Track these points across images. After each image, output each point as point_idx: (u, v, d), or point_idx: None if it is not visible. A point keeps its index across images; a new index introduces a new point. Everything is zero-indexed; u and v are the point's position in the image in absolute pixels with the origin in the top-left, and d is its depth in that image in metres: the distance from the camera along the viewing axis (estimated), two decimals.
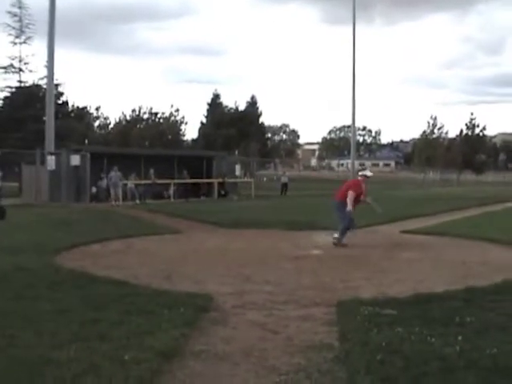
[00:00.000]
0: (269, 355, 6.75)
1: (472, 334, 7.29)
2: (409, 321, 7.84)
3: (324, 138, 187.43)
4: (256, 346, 7.08)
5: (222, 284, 10.97)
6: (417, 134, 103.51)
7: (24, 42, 70.83)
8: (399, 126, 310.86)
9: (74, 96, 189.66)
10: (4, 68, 71.22)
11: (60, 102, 68.21)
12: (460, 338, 7.03)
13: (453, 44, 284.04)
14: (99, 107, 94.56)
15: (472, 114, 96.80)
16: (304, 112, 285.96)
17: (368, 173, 17.50)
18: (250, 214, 25.82)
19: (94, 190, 36.29)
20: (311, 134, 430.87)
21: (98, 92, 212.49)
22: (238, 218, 23.94)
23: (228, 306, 9.17)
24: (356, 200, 16.55)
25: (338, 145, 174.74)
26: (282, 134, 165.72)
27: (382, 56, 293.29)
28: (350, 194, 16.33)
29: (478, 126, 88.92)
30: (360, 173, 17.87)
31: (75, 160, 34.87)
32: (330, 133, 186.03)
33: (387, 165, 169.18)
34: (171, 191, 38.60)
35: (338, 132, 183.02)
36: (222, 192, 41.45)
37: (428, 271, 12.74)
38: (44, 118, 43.94)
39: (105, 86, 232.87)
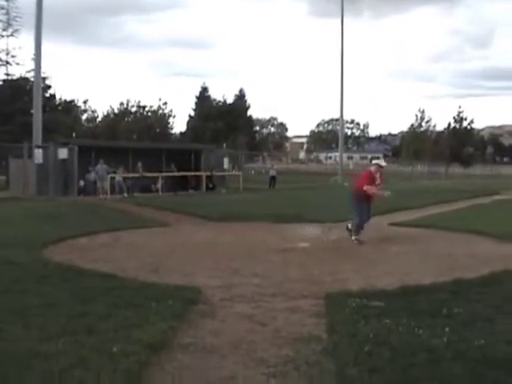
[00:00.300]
0: (257, 347, 6.77)
1: (459, 325, 7.33)
2: (396, 312, 7.87)
3: (312, 131, 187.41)
4: (244, 339, 7.10)
5: (210, 277, 10.97)
6: (405, 127, 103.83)
7: (11, 35, 70.27)
8: (387, 119, 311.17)
9: (62, 89, 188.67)
10: None
11: (47, 95, 67.91)
12: (447, 329, 7.07)
13: (441, 37, 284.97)
14: (87, 100, 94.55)
15: (460, 107, 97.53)
16: (292, 105, 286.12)
17: (382, 162, 17.00)
18: (238, 207, 25.80)
19: (81, 183, 36.19)
20: (299, 127, 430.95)
21: (86, 85, 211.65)
22: (227, 211, 23.93)
23: (216, 299, 9.18)
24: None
25: (326, 138, 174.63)
26: (270, 127, 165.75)
27: (371, 49, 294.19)
28: (369, 189, 15.73)
29: (465, 119, 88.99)
30: (373, 161, 17.41)
31: (63, 153, 34.74)
32: (318, 126, 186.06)
33: (376, 158, 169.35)
34: (159, 184, 38.51)
35: (326, 125, 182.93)
36: (210, 185, 41.37)
37: (416, 263, 12.79)
38: (31, 111, 43.80)
39: (93, 79, 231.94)
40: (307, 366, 6.10)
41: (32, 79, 52.89)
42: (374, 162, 17.27)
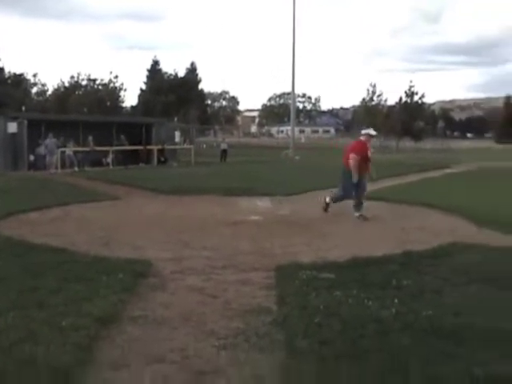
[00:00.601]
0: (207, 319, 6.80)
1: (408, 297, 7.44)
2: (347, 284, 7.95)
3: (264, 105, 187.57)
4: (195, 311, 7.11)
5: (161, 250, 10.95)
6: (357, 101, 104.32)
7: None
8: (340, 93, 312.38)
9: (11, 62, 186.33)
10: None
11: None
12: (396, 300, 7.16)
13: (396, 11, 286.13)
14: (36, 74, 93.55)
15: (411, 81, 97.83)
16: (244, 79, 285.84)
17: (372, 131, 16.26)
18: (189, 181, 25.74)
19: (31, 158, 35.75)
20: (251, 100, 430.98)
21: (36, 58, 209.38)
22: (177, 184, 23.84)
23: (167, 272, 9.17)
24: (364, 163, 15.53)
25: (277, 112, 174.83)
26: (221, 100, 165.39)
27: (325, 22, 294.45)
28: (354, 160, 15.21)
29: (416, 93, 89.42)
30: (363, 131, 16.38)
31: (12, 127, 34.25)
32: (269, 100, 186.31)
33: (327, 131, 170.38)
34: (110, 158, 38.23)
35: (277, 99, 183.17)
36: (162, 159, 41.14)
37: (367, 236, 12.90)
38: None
39: (42, 52, 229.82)
40: (257, 337, 6.14)
41: None
42: (363, 131, 16.41)
